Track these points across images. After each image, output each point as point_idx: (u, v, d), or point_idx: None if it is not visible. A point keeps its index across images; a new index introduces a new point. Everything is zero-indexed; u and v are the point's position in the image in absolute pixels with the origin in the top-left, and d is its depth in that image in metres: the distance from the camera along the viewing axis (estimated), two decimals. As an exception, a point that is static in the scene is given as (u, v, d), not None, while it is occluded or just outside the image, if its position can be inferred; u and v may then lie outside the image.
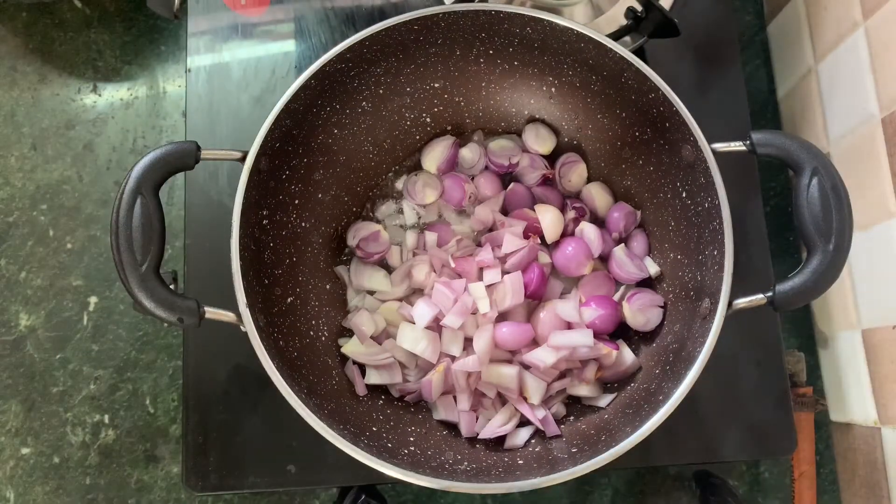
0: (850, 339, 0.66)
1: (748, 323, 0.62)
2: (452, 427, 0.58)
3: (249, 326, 0.49)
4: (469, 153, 0.64)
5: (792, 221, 0.65)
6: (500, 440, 0.57)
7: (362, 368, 0.59)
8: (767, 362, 0.63)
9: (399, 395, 0.59)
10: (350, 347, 0.59)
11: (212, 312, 0.49)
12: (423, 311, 0.57)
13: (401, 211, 0.65)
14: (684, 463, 0.67)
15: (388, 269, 0.63)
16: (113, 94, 0.80)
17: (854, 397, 0.66)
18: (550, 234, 0.61)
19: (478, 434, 0.57)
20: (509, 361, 0.58)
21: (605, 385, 0.59)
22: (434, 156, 0.64)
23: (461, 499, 0.69)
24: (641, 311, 0.58)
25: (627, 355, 0.58)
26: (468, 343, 0.58)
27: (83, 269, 0.75)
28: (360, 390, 0.58)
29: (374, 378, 0.58)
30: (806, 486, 0.66)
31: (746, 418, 0.62)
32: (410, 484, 0.47)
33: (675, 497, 0.69)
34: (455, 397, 0.58)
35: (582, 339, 0.56)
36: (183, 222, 0.67)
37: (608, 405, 0.57)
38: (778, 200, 0.74)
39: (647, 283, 0.61)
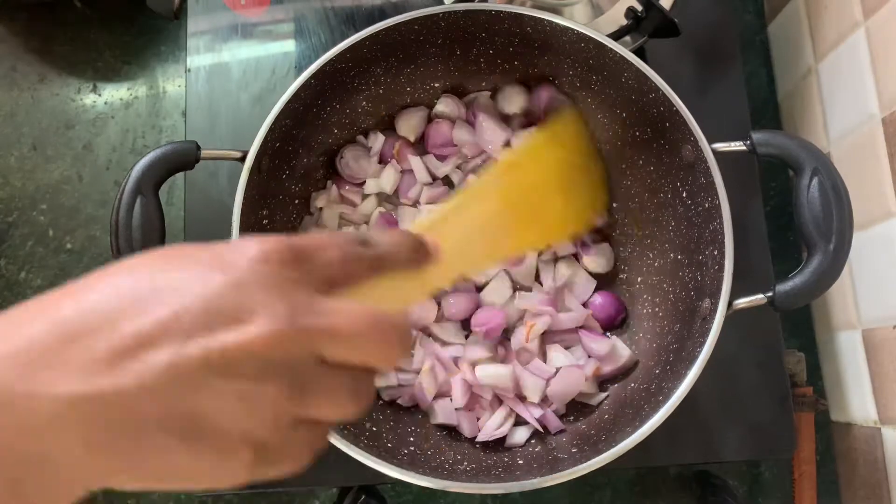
0: (850, 339, 0.66)
1: (748, 323, 0.62)
2: (452, 427, 0.58)
3: (249, 326, 0.49)
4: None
5: (792, 221, 0.65)
6: (500, 440, 0.57)
7: (362, 368, 0.59)
8: (767, 362, 0.63)
9: (390, 399, 0.59)
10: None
11: (212, 312, 0.49)
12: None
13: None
14: (684, 463, 0.67)
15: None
16: (113, 94, 0.80)
17: (854, 397, 0.66)
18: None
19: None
20: (503, 361, 0.58)
21: (604, 384, 0.59)
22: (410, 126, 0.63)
23: (461, 499, 0.69)
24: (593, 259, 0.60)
25: (622, 350, 0.58)
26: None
27: (83, 269, 0.75)
28: (360, 390, 0.58)
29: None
30: (806, 486, 0.66)
31: (746, 418, 0.61)
32: (410, 484, 0.47)
33: (675, 497, 0.69)
34: (451, 398, 0.58)
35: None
36: (183, 222, 0.67)
37: (608, 405, 0.57)
38: (778, 200, 0.74)
39: (605, 283, 0.61)
